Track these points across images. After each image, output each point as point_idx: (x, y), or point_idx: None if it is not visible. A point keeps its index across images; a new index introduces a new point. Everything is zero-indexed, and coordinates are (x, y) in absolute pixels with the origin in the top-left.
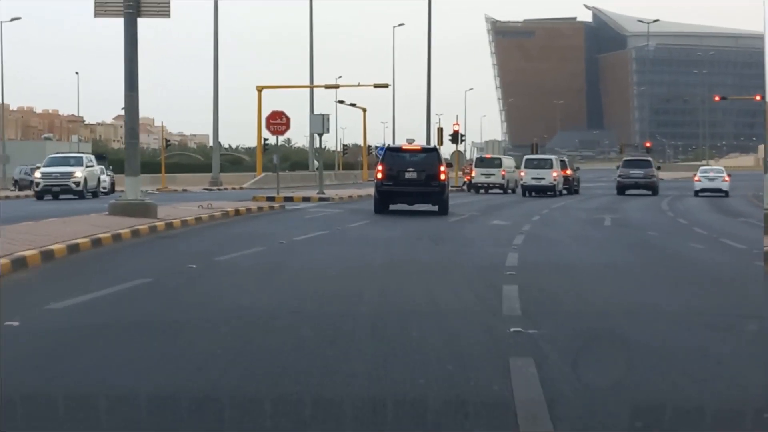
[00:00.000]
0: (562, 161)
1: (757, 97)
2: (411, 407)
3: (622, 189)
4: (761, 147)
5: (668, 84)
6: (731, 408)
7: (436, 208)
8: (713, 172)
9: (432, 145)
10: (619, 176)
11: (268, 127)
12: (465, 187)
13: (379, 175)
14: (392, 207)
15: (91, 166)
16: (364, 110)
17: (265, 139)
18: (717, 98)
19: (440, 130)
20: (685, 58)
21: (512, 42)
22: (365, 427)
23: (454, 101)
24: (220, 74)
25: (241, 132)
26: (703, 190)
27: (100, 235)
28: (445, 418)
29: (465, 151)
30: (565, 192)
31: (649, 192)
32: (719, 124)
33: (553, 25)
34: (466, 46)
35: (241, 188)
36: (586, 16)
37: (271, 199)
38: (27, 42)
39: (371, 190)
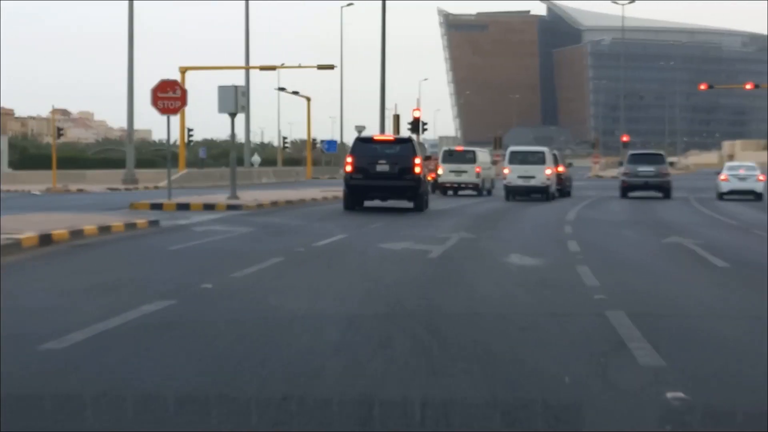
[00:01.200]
0: (554, 155)
1: (748, 86)
2: None
3: (627, 190)
4: (725, 144)
5: (624, 79)
6: None
7: (411, 204)
8: (744, 170)
9: (407, 135)
10: (625, 174)
11: (155, 104)
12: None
13: (348, 168)
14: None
15: None
16: (309, 99)
17: (189, 130)
18: (704, 86)
19: (396, 118)
20: (641, 53)
21: (465, 36)
22: None
23: (407, 96)
24: (157, 62)
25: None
26: (732, 192)
27: None
28: None
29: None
30: (557, 194)
31: (660, 194)
32: (675, 121)
33: (507, 18)
34: (417, 41)
35: (156, 187)
36: (540, 10)
37: (157, 206)
38: None
39: (310, 192)
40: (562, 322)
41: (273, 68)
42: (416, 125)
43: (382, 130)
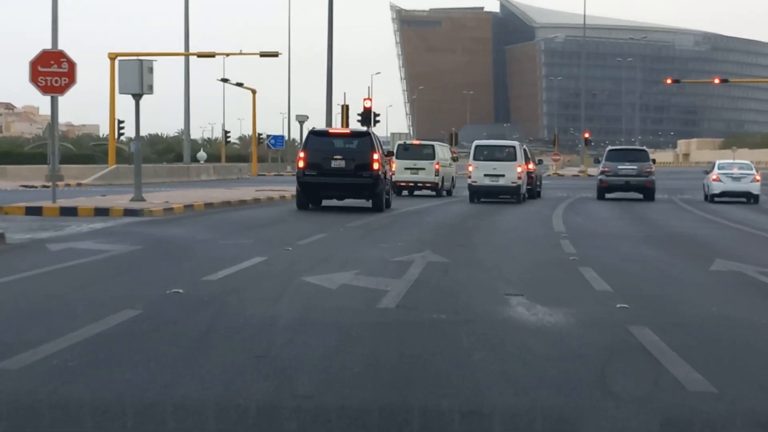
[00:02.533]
0: (524, 150)
1: (716, 80)
2: None
3: (605, 191)
4: (681, 142)
5: (577, 77)
6: None
7: (369, 203)
8: (738, 168)
9: (365, 128)
10: (603, 173)
11: (34, 80)
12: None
13: (301, 164)
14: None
15: None
16: (254, 91)
17: (120, 121)
18: (669, 81)
19: (345, 108)
20: (594, 51)
21: (418, 32)
22: None
23: (358, 92)
24: (95, 55)
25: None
26: (725, 193)
27: None
28: None
29: None
30: (527, 195)
31: (641, 195)
32: (629, 119)
33: (460, 14)
34: (370, 36)
35: (79, 185)
36: (493, 6)
37: (35, 210)
38: None
39: (244, 192)
40: None
41: (212, 55)
42: (367, 116)
43: (329, 123)
